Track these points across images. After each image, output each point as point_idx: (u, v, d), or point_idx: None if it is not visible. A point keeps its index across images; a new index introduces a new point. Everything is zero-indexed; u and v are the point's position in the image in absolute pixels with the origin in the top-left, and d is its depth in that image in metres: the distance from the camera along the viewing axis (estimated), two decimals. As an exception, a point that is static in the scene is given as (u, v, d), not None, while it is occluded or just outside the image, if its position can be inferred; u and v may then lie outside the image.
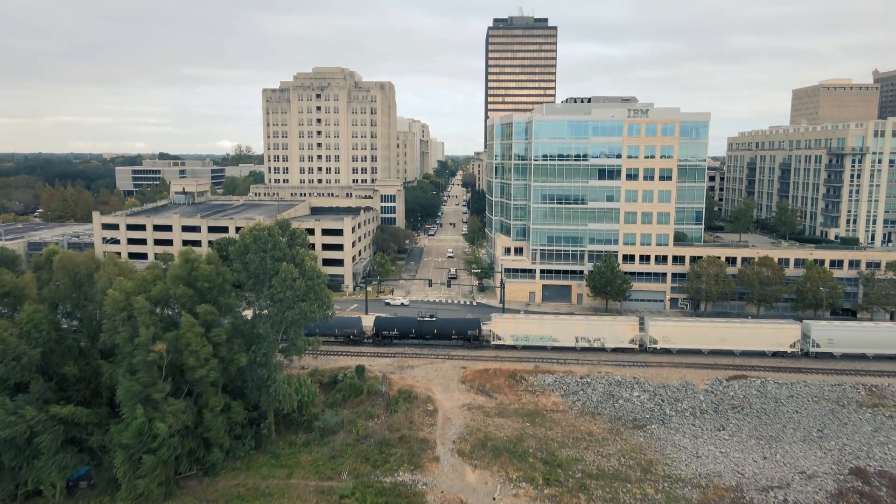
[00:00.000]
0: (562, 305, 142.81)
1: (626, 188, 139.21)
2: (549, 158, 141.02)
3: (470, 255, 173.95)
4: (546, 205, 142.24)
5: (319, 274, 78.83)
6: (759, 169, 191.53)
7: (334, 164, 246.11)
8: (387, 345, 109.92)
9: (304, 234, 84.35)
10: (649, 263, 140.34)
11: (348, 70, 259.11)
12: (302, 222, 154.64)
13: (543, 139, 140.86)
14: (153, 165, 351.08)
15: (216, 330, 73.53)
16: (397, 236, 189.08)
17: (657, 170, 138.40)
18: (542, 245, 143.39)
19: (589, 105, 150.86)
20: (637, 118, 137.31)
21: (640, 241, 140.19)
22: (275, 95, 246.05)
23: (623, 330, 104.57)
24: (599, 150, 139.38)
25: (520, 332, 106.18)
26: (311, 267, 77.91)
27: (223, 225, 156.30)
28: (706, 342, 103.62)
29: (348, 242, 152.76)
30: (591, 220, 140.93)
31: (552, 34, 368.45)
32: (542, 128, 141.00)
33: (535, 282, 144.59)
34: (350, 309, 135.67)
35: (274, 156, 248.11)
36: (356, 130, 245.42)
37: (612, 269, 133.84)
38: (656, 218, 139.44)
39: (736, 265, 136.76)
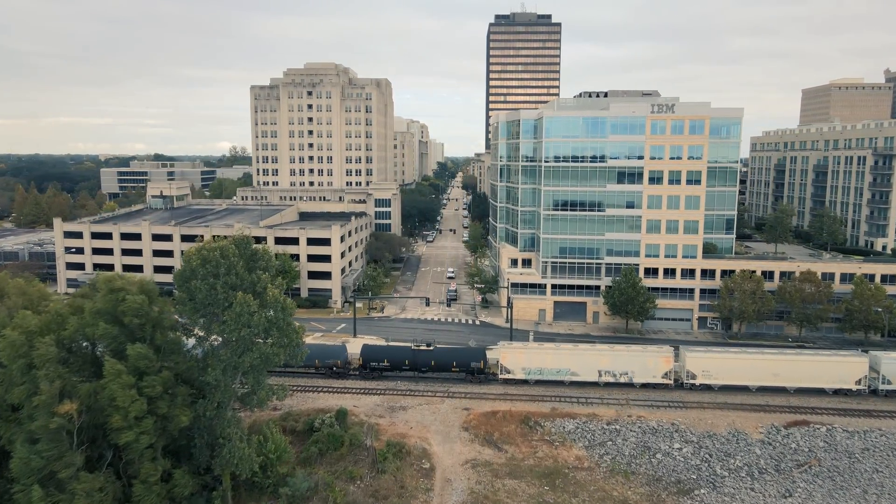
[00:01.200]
0: (576, 325, 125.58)
1: (648, 193, 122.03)
2: (562, 160, 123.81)
3: (471, 266, 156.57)
4: (558, 211, 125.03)
5: (285, 305, 61.40)
6: (788, 171, 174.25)
7: (326, 165, 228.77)
8: (376, 378, 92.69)
9: (269, 256, 66.80)
10: (675, 278, 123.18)
11: (342, 66, 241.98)
12: (286, 230, 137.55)
13: (555, 138, 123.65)
14: (141, 167, 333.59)
15: (150, 379, 56.22)
16: (392, 244, 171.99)
17: (684, 172, 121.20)
18: (553, 257, 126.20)
19: (606, 100, 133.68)
20: (662, 114, 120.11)
21: (665, 252, 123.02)
22: (263, 93, 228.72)
23: (655, 362, 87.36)
24: (619, 150, 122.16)
25: (532, 364, 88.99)
26: (275, 297, 60.51)
27: (198, 233, 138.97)
28: (755, 377, 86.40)
29: (336, 253, 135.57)
30: (608, 228, 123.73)
31: (556, 31, 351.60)
32: (553, 125, 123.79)
33: (546, 298, 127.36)
34: (336, 330, 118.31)
35: (262, 157, 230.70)
36: (350, 130, 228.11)
37: (633, 285, 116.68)
38: (683, 227, 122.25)
39: (773, 280, 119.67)
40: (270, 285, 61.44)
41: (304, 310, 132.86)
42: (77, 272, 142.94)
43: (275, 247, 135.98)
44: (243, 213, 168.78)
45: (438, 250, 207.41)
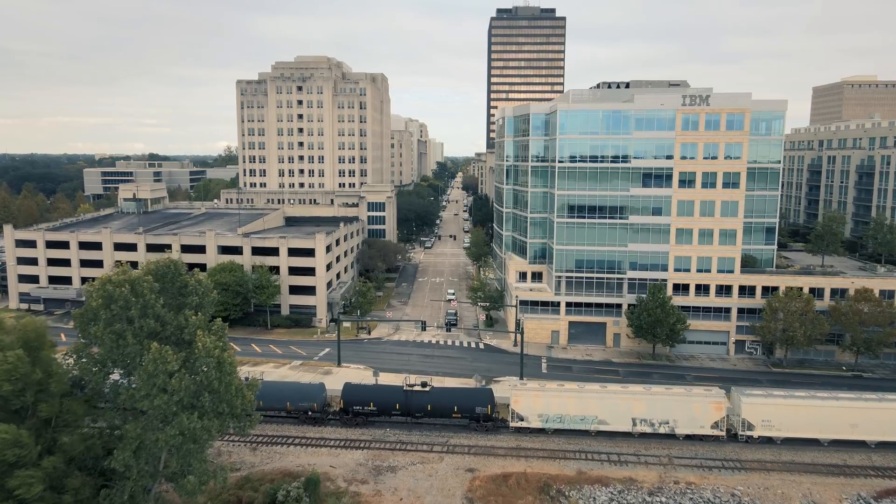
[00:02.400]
0: (594, 349, 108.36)
1: (678, 198, 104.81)
2: (578, 159, 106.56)
3: (473, 279, 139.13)
4: (573, 219, 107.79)
5: (223, 360, 43.97)
6: (825, 172, 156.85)
7: (318, 165, 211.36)
8: (360, 424, 75.40)
9: (205, 289, 49.25)
10: (708, 296, 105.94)
11: (335, 60, 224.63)
12: (264, 239, 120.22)
13: (571, 134, 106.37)
14: (127, 167, 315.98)
15: (24, 475, 38.93)
16: (387, 252, 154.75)
17: (720, 174, 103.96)
18: (567, 271, 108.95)
19: (629, 91, 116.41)
20: (694, 107, 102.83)
21: (697, 266, 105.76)
22: (250, 88, 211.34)
23: (703, 409, 70.09)
24: (644, 148, 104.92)
25: (551, 410, 71.74)
26: (207, 349, 43.12)
27: (165, 242, 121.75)
28: (828, 429, 69.20)
29: (321, 265, 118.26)
30: (632, 238, 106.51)
31: (560, 25, 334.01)
32: (569, 120, 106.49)
33: (560, 318, 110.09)
34: (319, 357, 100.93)
35: (249, 156, 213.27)
36: (343, 127, 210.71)
37: (661, 304, 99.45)
38: (718, 236, 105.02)
39: (823, 299, 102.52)
40: (202, 332, 43.95)
41: (284, 329, 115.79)
42: (31, 286, 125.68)
43: (252, 258, 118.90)
44: (222, 219, 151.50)
45: (437, 258, 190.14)
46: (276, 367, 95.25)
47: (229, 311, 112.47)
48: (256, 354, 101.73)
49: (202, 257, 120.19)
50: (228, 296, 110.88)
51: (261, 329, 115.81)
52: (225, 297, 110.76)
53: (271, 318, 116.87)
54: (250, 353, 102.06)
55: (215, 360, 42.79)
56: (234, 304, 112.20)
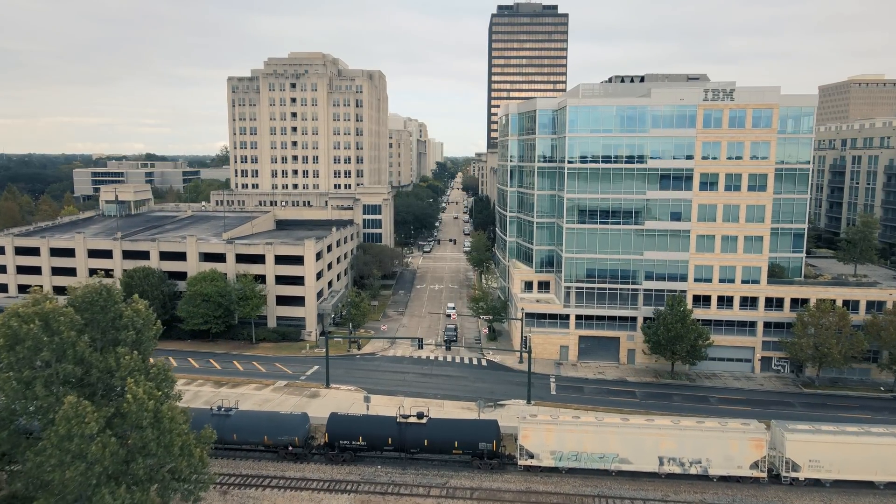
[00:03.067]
0: (606, 366, 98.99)
1: (699, 201, 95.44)
2: (589, 159, 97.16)
3: (474, 288, 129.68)
4: (584, 224, 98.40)
5: (161, 415, 34.48)
6: (849, 173, 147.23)
7: (312, 166, 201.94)
8: (348, 460, 65.99)
9: (147, 319, 39.73)
10: (732, 308, 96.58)
11: (330, 56, 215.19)
12: (249, 245, 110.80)
13: (581, 132, 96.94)
14: (119, 167, 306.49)
15: None
16: (383, 257, 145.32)
17: (745, 175, 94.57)
18: (578, 281, 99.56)
19: (644, 85, 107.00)
20: (717, 102, 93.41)
21: (720, 276, 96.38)
22: (242, 85, 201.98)
23: (741, 446, 60.68)
24: (662, 147, 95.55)
25: (565, 446, 62.33)
26: (146, 399, 33.67)
27: (142, 249, 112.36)
28: (885, 470, 59.83)
29: (311, 273, 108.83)
30: (648, 246, 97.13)
31: (562, 22, 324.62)
32: (579, 117, 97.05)
33: (569, 332, 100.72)
34: (305, 376, 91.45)
35: (241, 156, 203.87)
36: (338, 126, 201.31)
37: (681, 318, 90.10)
38: (742, 244, 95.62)
39: (858, 312, 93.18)
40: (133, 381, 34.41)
41: (270, 344, 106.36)
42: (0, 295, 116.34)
43: (236, 266, 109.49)
44: (208, 222, 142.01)
45: (436, 263, 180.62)
46: (257, 388, 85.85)
47: (210, 325, 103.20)
48: (238, 373, 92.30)
49: (182, 265, 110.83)
50: (210, 307, 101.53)
51: (245, 343, 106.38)
52: (206, 308, 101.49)
53: (257, 332, 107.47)
54: (231, 372, 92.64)
55: (151, 415, 33.32)
56: (216, 316, 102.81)
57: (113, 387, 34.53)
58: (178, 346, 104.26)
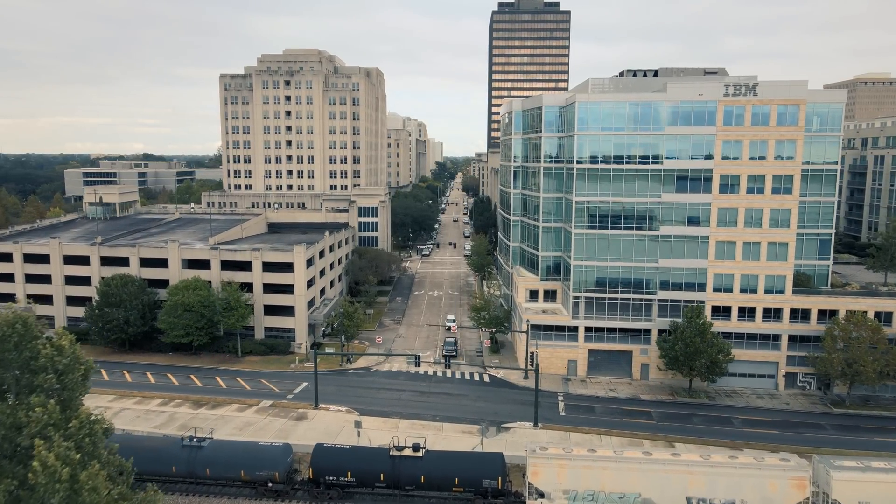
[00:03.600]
0: (618, 382, 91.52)
1: (719, 205, 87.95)
2: (601, 160, 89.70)
3: (475, 295, 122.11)
4: (594, 230, 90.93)
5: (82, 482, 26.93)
6: (871, 174, 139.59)
7: (307, 166, 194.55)
8: (335, 498, 58.50)
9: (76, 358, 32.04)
10: (754, 320, 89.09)
11: (326, 53, 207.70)
12: (235, 252, 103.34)
13: (592, 130, 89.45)
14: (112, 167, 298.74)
15: None
16: (379, 262, 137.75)
17: (769, 177, 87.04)
18: (587, 290, 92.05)
19: (659, 80, 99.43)
20: (739, 97, 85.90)
21: (741, 285, 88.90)
22: (235, 83, 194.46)
23: (780, 487, 53.14)
24: (679, 146, 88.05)
25: (580, 484, 54.79)
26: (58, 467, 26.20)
27: (122, 255, 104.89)
28: (946, 515, 52.34)
29: (301, 282, 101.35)
30: (664, 253, 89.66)
31: (564, 19, 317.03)
32: (589, 113, 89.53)
33: (578, 345, 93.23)
34: (292, 395, 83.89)
35: (233, 156, 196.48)
36: (334, 125, 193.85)
37: (700, 332, 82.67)
38: (766, 251, 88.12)
39: (892, 325, 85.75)
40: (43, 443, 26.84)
41: (257, 357, 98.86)
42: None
43: (221, 273, 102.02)
44: (196, 226, 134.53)
45: (435, 267, 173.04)
46: (240, 409, 78.32)
47: (193, 337, 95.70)
48: (220, 391, 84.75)
49: (164, 272, 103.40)
50: (192, 318, 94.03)
51: (230, 357, 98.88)
52: (188, 319, 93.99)
53: (243, 344, 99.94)
54: (213, 389, 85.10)
55: (66, 486, 25.78)
56: (199, 327, 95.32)
57: (19, 450, 27.17)
58: (158, 360, 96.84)
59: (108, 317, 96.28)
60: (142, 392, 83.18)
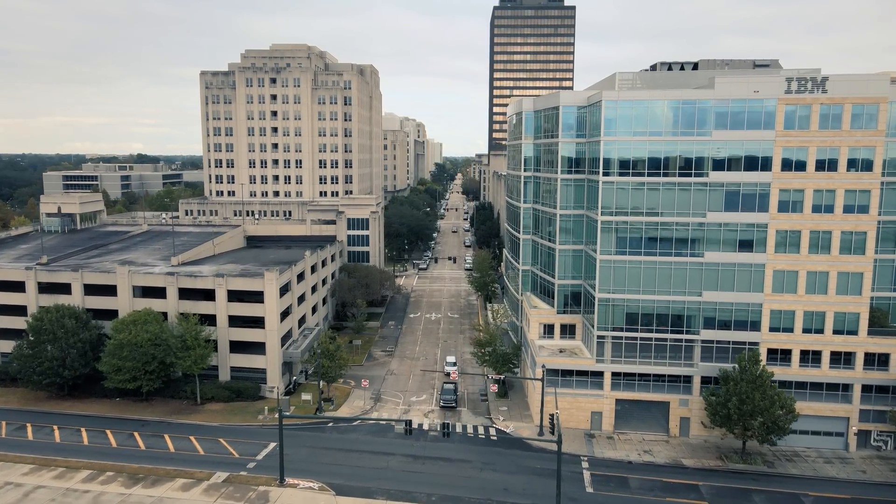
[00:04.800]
0: (652, 439, 74.91)
1: (778, 226, 71.36)
2: (632, 171, 73.08)
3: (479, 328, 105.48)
4: (624, 255, 74.29)
5: None
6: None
7: (294, 171, 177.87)
8: None
9: None
10: (820, 366, 72.52)
11: (317, 49, 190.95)
12: (196, 277, 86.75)
13: (621, 135, 72.78)
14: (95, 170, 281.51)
15: None
16: (370, 281, 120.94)
17: (840, 192, 70.42)
18: (615, 328, 75.43)
19: (700, 74, 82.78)
20: (804, 95, 69.27)
21: (803, 324, 72.28)
22: (216, 80, 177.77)
23: None
24: (729, 155, 71.35)
25: None
26: None
27: (62, 281, 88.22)
28: None
29: (273, 313, 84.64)
30: (709, 284, 73.03)
31: (569, 15, 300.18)
32: (618, 114, 72.79)
33: (604, 394, 76.60)
34: (255, 463, 67.10)
35: (215, 160, 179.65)
36: (324, 127, 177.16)
37: (758, 384, 66.24)
38: (835, 282, 71.51)
39: None
40: None
41: (220, 405, 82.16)
42: None
43: (180, 303, 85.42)
44: (164, 240, 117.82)
45: (433, 284, 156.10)
46: (184, 487, 61.64)
47: (141, 382, 79.10)
48: (165, 457, 68.00)
49: (113, 301, 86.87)
50: (140, 360, 77.42)
51: (187, 404, 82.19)
52: (135, 362, 77.37)
53: (204, 387, 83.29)
54: (157, 456, 68.35)
55: None
56: (149, 371, 78.75)
57: None
58: (99, 409, 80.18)
59: (40, 356, 79.56)
60: (67, 460, 66.48)
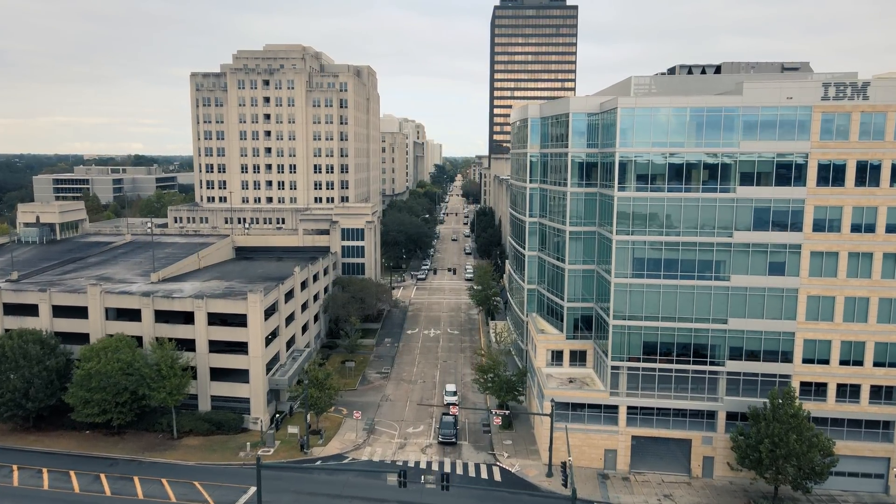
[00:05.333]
0: (672, 480, 67.66)
1: (813, 248, 64.13)
2: (652, 184, 65.81)
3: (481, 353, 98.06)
4: (642, 278, 67.05)
5: None
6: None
7: (288, 176, 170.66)
8: None
9: None
10: (858, 402, 65.28)
11: (312, 49, 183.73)
12: (173, 298, 79.58)
13: (639, 144, 65.53)
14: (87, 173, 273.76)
15: None
16: (366, 295, 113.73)
17: (883, 211, 63.11)
18: (631, 358, 68.18)
19: (724, 78, 75.37)
20: (842, 102, 62.01)
21: (840, 355, 65.09)
22: (207, 82, 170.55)
23: None
24: (759, 167, 64.11)
25: None
26: None
27: (28, 302, 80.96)
28: None
29: (258, 338, 77.40)
30: (735, 310, 65.74)
31: (571, 15, 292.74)
32: (636, 122, 65.51)
33: (618, 430, 69.33)
34: (232, 514, 59.96)
35: (206, 165, 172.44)
36: (319, 130, 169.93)
37: (793, 425, 59.07)
38: (876, 309, 64.28)
39: None
40: None
41: (198, 439, 74.91)
42: None
43: (156, 326, 78.23)
44: (146, 252, 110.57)
45: (432, 296, 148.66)
46: (150, 545, 54.42)
47: (112, 415, 71.94)
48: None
49: (84, 325, 79.64)
50: (110, 391, 70.21)
51: (163, 438, 74.95)
52: (104, 394, 70.17)
53: (182, 419, 76.02)
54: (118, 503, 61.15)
55: None
56: (121, 402, 71.57)
57: None
58: (66, 445, 72.92)
59: (1, 387, 72.40)
60: (22, 510, 59.31)
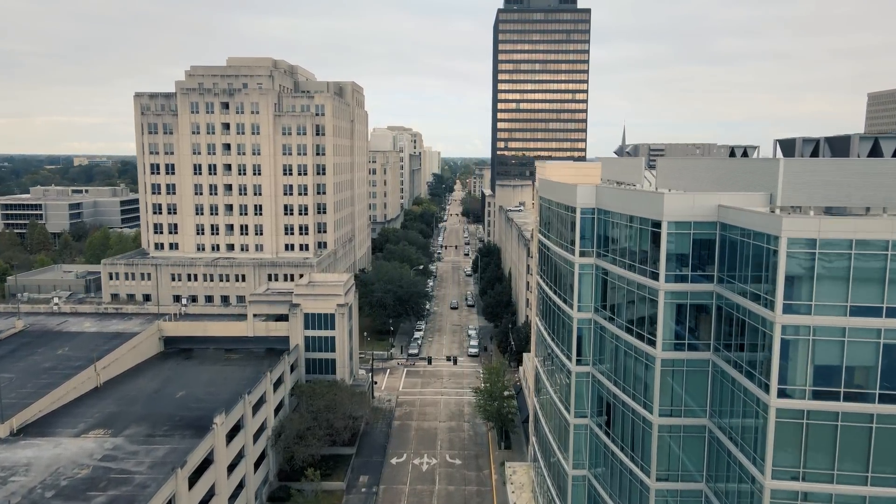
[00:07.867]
0: None
1: None
2: (837, 391, 32.88)
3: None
4: None
5: None
6: None
7: (253, 218, 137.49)
8: None
9: None
10: None
11: (285, 63, 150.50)
12: None
13: (822, 311, 32.51)
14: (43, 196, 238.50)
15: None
16: (334, 417, 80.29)
17: None
18: None
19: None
20: None
21: None
22: (154, 104, 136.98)
23: None
24: None
25: None
26: None
27: None
28: None
29: None
30: None
31: (584, 19, 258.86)
32: (819, 266, 32.53)
33: None
34: None
35: (154, 204, 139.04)
36: (290, 163, 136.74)
37: None
38: None
39: None
40: None
41: None
42: None
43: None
44: (33, 356, 77.40)
45: (426, 388, 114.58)
46: None
47: None
48: None
49: None
50: None
51: None
52: None
53: None
54: None
55: None
56: None
57: None
58: None
59: None
60: None
